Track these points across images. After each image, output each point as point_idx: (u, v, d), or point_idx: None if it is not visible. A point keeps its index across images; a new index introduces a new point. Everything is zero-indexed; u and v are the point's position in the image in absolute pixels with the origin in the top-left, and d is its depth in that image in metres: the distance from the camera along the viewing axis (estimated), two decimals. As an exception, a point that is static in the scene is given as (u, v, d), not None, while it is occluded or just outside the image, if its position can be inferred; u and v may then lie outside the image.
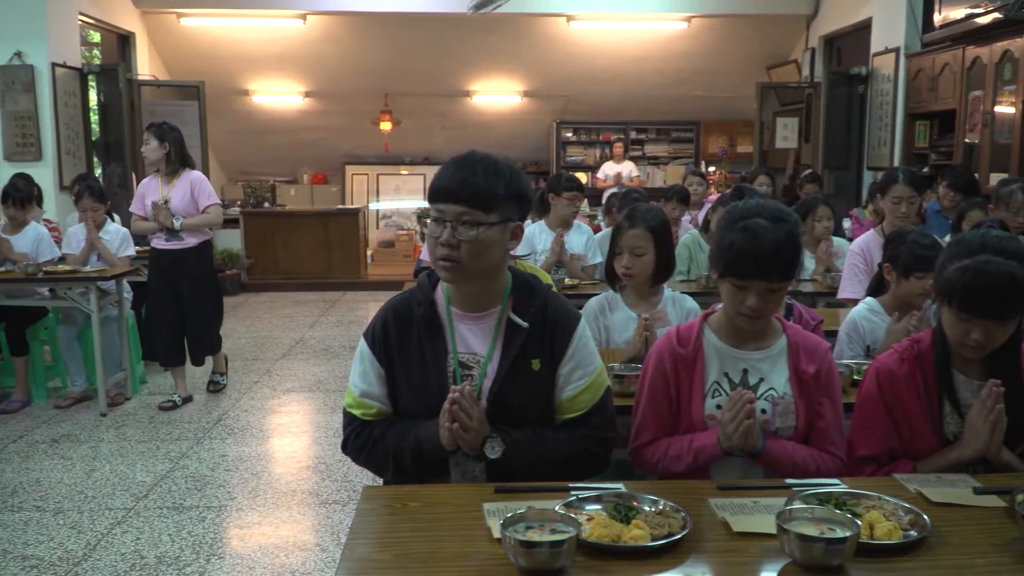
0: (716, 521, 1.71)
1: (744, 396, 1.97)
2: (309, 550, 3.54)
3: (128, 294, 5.80)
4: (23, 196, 5.58)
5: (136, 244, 5.87)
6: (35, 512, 3.90)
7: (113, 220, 5.82)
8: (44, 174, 7.35)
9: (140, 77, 9.48)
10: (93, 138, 8.78)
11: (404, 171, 12.57)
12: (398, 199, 12.53)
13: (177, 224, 5.24)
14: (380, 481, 2.17)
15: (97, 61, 10.26)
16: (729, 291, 2.05)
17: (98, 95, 8.98)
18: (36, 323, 5.66)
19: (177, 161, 5.31)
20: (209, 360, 5.89)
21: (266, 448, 4.87)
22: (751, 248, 1.96)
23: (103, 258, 5.59)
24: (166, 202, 5.27)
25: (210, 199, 5.37)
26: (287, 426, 5.30)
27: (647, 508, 1.71)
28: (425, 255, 4.95)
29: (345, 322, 8.49)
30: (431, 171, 12.42)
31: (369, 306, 9.39)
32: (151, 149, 5.25)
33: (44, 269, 5.31)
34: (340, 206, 11.54)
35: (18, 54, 7.51)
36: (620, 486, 1.84)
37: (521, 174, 1.95)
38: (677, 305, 3.09)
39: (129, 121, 8.95)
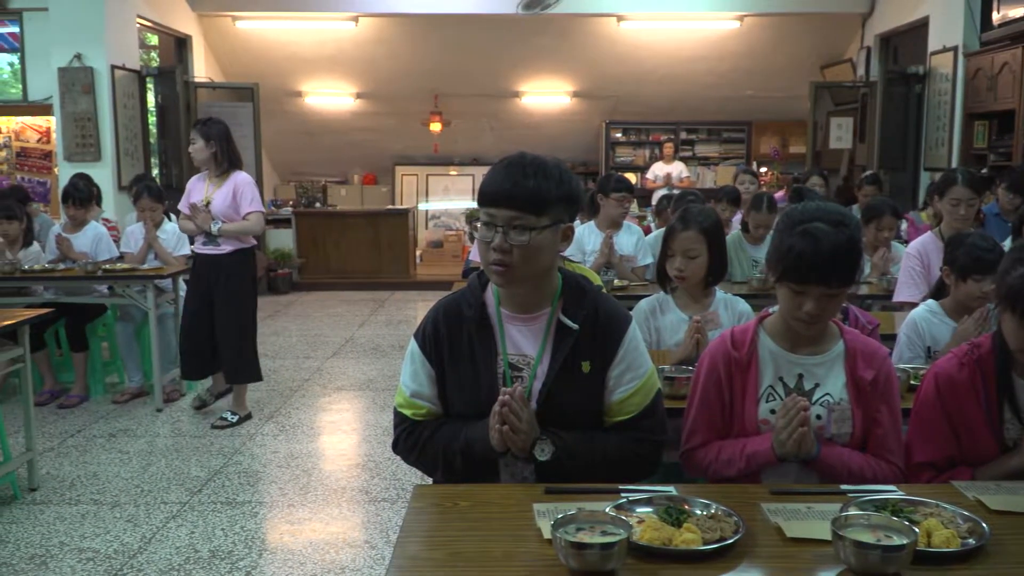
0: (769, 526, 1.69)
1: (798, 403, 1.94)
2: (358, 547, 3.58)
3: (183, 292, 5.92)
4: (83, 196, 5.73)
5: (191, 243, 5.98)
6: (92, 505, 4.00)
7: (170, 220, 5.94)
8: (103, 174, 7.55)
9: (196, 79, 9.67)
10: (151, 139, 8.98)
11: (453, 172, 12.64)
12: (447, 200, 12.60)
13: (215, 228, 4.93)
14: (430, 480, 2.18)
15: (155, 63, 10.48)
16: (786, 295, 2.02)
17: (155, 97, 9.18)
18: (95, 320, 5.81)
19: (225, 161, 4.99)
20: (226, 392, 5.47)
21: (317, 445, 4.93)
22: (810, 253, 1.93)
23: (159, 257, 5.71)
24: (207, 204, 4.96)
25: (251, 205, 4.98)
26: (337, 424, 5.36)
27: (699, 512, 1.70)
28: (474, 255, 5.03)
29: (394, 321, 8.56)
30: (480, 172, 12.49)
31: (418, 306, 9.46)
32: (197, 149, 4.97)
33: (103, 267, 5.44)
34: (390, 206, 11.64)
35: (78, 56, 7.70)
36: (671, 489, 1.83)
37: (571, 175, 1.94)
38: (729, 308, 3.06)
39: (185, 122, 9.13)
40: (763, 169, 11.36)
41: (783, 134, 12.19)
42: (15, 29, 8.58)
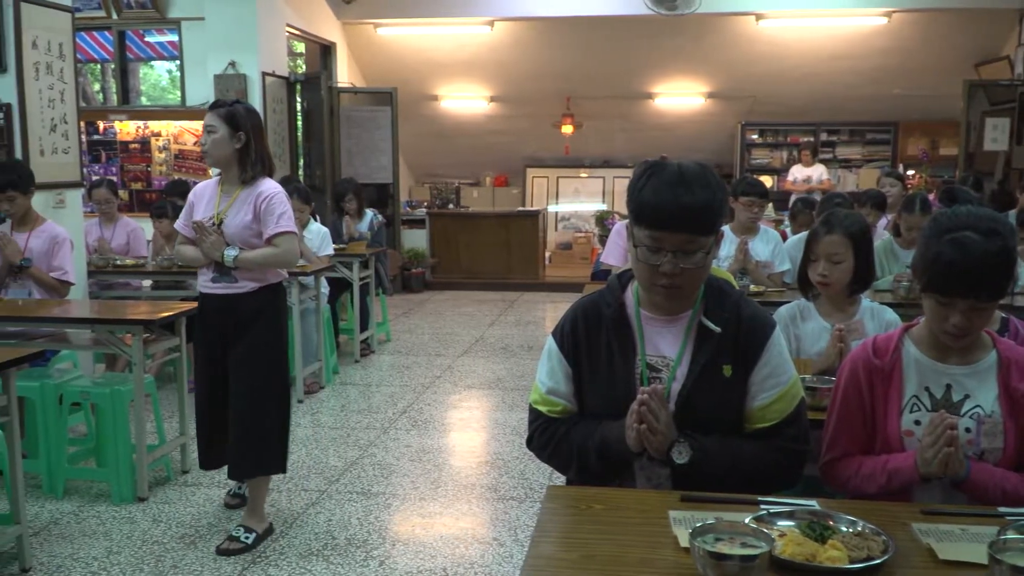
0: (920, 547, 1.62)
1: (945, 421, 1.84)
2: (487, 543, 3.63)
3: (324, 289, 6.16)
4: None
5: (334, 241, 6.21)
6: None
7: (315, 220, 6.19)
8: (253, 176, 7.92)
9: (339, 84, 10.05)
10: (297, 142, 9.39)
11: (584, 174, 12.64)
12: (577, 201, 12.61)
13: (229, 257, 3.49)
14: (562, 480, 2.19)
15: (300, 70, 10.95)
16: (932, 306, 1.92)
17: (302, 102, 9.59)
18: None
19: (256, 164, 3.54)
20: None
21: (447, 441, 5.03)
22: (958, 263, 1.82)
23: (304, 256, 5.95)
24: (219, 223, 3.52)
25: (280, 225, 3.52)
26: (467, 421, 5.45)
27: (844, 528, 1.64)
28: (606, 258, 4.99)
29: (523, 322, 8.63)
30: (610, 174, 12.45)
31: (546, 307, 9.51)
32: (217, 141, 3.48)
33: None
34: (520, 208, 11.76)
35: (232, 64, 8.12)
36: (814, 503, 1.77)
37: (719, 177, 1.91)
38: (876, 317, 2.93)
39: (329, 126, 9.52)
40: (910, 172, 10.82)
41: (933, 135, 11.58)
42: (174, 38, 9.15)
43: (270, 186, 3.57)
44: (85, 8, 8.57)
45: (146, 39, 9.57)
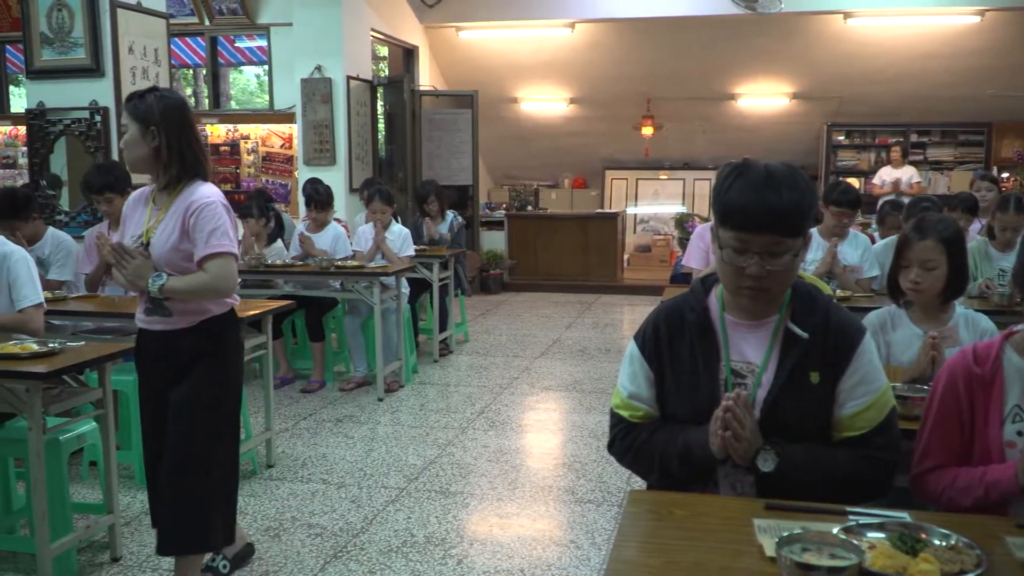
0: (1014, 562, 1.56)
1: None
2: (564, 546, 3.63)
3: (405, 290, 6.25)
4: (324, 200, 6.19)
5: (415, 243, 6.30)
6: (321, 484, 4.30)
7: (397, 222, 6.29)
8: (336, 178, 8.11)
9: (421, 87, 10.19)
10: (379, 145, 9.55)
11: (663, 176, 12.52)
12: (656, 204, 12.50)
13: (154, 286, 2.77)
14: (642, 484, 2.18)
15: (383, 73, 11.14)
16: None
17: (384, 105, 9.75)
18: (327, 313, 6.26)
19: (174, 165, 2.83)
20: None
21: (524, 442, 5.05)
22: None
23: (386, 256, 6.08)
24: (145, 243, 2.84)
25: (210, 245, 2.79)
26: (544, 423, 5.46)
27: (937, 542, 1.59)
28: (686, 261, 4.95)
29: (600, 324, 8.60)
30: (691, 176, 12.30)
31: (624, 310, 9.46)
32: (129, 142, 2.85)
33: (335, 264, 5.85)
34: (599, 210, 11.72)
35: (319, 68, 8.31)
36: (905, 515, 1.73)
37: (808, 179, 1.87)
38: (970, 325, 2.83)
39: (411, 128, 9.66)
40: (1004, 175, 10.42)
41: (1028, 136, 11.13)
42: (263, 43, 9.43)
43: (203, 194, 2.81)
44: (179, 14, 8.90)
45: (236, 44, 9.88)
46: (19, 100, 10.25)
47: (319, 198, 6.15)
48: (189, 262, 2.82)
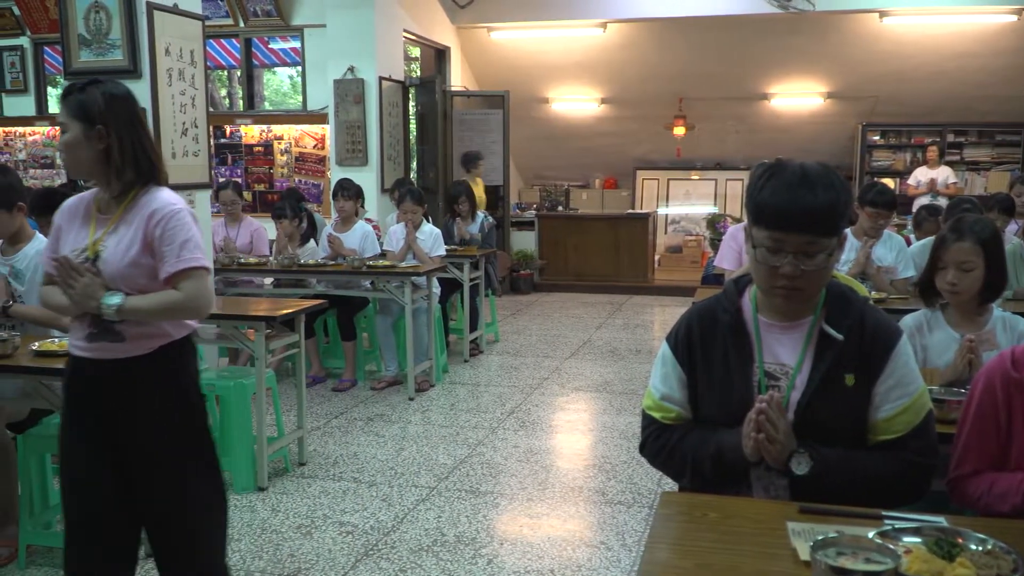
0: (1053, 569, 1.54)
1: None
2: (594, 547, 3.63)
3: (436, 290, 6.28)
4: (352, 191, 6.24)
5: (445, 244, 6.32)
6: (352, 483, 4.33)
7: (428, 222, 6.32)
8: (368, 178, 8.15)
9: (452, 88, 10.21)
10: (411, 145, 9.59)
11: (695, 176, 12.45)
12: (688, 204, 12.43)
13: (110, 307, 2.32)
14: (674, 486, 2.17)
15: (415, 74, 11.18)
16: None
17: (416, 105, 9.79)
18: (358, 312, 6.30)
19: (128, 168, 2.40)
20: None
21: (554, 443, 5.05)
22: None
23: (417, 256, 6.10)
24: (94, 257, 2.39)
25: (182, 258, 2.37)
26: (574, 423, 5.45)
27: (973, 546, 1.57)
28: (719, 261, 4.91)
29: (631, 325, 8.57)
30: (723, 176, 12.22)
31: (655, 311, 9.42)
32: (69, 143, 2.39)
33: (367, 263, 5.89)
34: (630, 211, 11.68)
35: (351, 69, 8.36)
36: (941, 520, 1.71)
37: (844, 179, 1.85)
38: (1008, 327, 2.79)
39: (443, 129, 9.69)
40: (1045, 175, 10.23)
41: (1068, 136, 10.92)
42: (297, 44, 9.50)
43: (166, 201, 2.40)
44: (214, 16, 8.99)
45: (270, 46, 9.97)
46: (57, 101, 10.41)
47: (347, 189, 6.20)
48: (149, 279, 2.38)
